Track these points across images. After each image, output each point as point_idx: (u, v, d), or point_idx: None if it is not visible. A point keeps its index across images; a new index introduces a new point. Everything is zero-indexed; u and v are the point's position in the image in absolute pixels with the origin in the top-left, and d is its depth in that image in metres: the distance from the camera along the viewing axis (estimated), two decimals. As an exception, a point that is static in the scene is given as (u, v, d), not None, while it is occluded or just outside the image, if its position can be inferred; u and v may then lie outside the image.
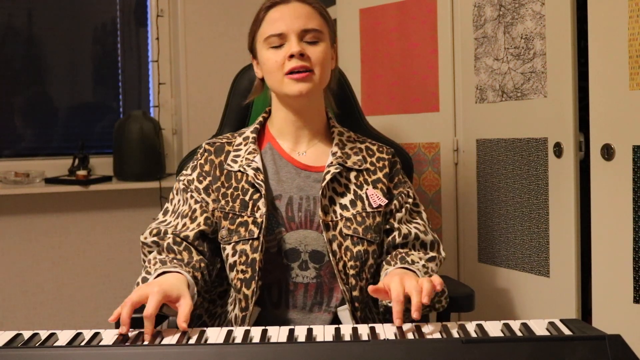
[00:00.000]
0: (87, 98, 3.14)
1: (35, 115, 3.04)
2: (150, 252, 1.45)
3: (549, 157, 2.09)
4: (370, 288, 1.24)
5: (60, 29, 3.04)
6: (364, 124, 1.92)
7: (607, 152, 1.89)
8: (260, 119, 1.57)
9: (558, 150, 2.05)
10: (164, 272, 1.31)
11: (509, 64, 2.21)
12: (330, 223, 1.43)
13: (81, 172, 2.86)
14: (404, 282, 1.22)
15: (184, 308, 1.17)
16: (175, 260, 1.37)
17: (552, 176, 2.08)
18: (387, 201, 1.48)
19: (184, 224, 1.45)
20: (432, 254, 1.49)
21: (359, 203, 1.46)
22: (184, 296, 1.20)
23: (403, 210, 1.51)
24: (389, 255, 1.48)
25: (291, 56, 1.40)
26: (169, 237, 1.42)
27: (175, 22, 3.05)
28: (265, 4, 1.45)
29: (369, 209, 1.46)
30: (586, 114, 1.97)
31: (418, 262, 1.43)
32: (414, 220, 1.53)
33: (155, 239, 1.44)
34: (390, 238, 1.49)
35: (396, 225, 1.49)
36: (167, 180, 2.95)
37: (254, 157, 1.47)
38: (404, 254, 1.46)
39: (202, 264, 1.41)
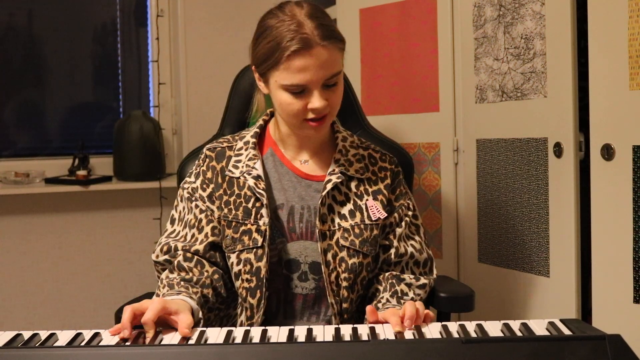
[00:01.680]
0: (87, 98, 3.13)
1: (35, 115, 3.04)
2: (163, 270, 1.44)
3: (549, 157, 2.09)
4: (369, 309, 1.24)
5: (60, 29, 3.04)
6: (365, 124, 1.92)
7: (607, 152, 1.89)
8: (260, 121, 1.54)
9: (558, 150, 2.05)
10: None
11: (509, 64, 2.21)
12: (327, 232, 1.42)
13: (81, 172, 2.86)
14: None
15: (185, 319, 1.15)
16: (183, 282, 1.36)
17: (552, 176, 2.08)
18: (386, 214, 1.47)
19: (193, 236, 1.44)
20: (423, 280, 1.49)
21: (358, 214, 1.44)
22: (183, 312, 1.18)
23: (403, 224, 1.50)
24: (382, 275, 1.48)
25: (313, 109, 1.35)
26: (180, 254, 1.41)
27: (175, 22, 3.05)
28: (286, 49, 1.30)
29: (367, 221, 1.44)
30: (586, 114, 1.97)
31: (408, 294, 1.44)
32: (412, 237, 1.52)
33: (166, 257, 1.43)
34: (386, 255, 1.48)
35: (395, 243, 1.48)
36: (167, 180, 2.95)
37: (255, 163, 1.45)
38: (394, 280, 1.45)
39: (216, 276, 1.41)
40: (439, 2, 2.41)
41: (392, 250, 1.48)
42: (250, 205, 1.42)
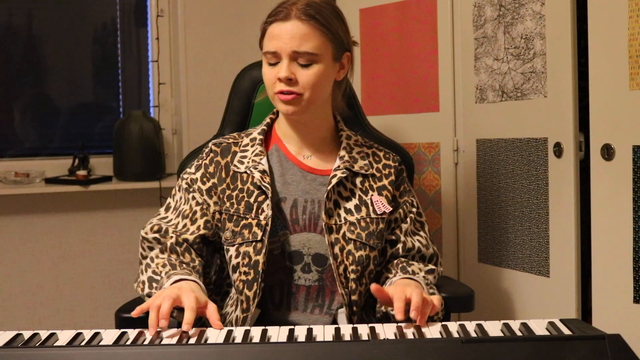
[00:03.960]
0: (87, 98, 3.13)
1: (36, 116, 3.04)
2: (151, 249, 1.47)
3: (549, 157, 2.09)
4: (374, 287, 1.26)
5: (60, 29, 3.04)
6: (365, 124, 1.92)
7: (607, 152, 1.89)
8: (267, 119, 1.57)
9: (558, 150, 2.05)
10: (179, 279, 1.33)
11: (509, 64, 2.21)
12: (333, 226, 1.44)
13: (81, 172, 2.86)
14: (406, 288, 1.27)
15: (214, 312, 1.22)
16: (184, 265, 1.41)
17: (552, 176, 2.08)
18: (391, 209, 1.49)
19: (184, 225, 1.47)
20: (431, 266, 1.52)
21: (363, 208, 1.46)
22: (209, 302, 1.25)
23: (408, 220, 1.53)
24: (390, 264, 1.50)
25: (278, 78, 1.39)
26: (172, 237, 1.45)
27: (175, 22, 3.04)
28: (269, 17, 1.42)
29: (373, 215, 1.46)
30: (586, 114, 1.97)
31: (419, 273, 1.46)
32: (418, 233, 1.55)
33: (156, 235, 1.46)
34: (393, 250, 1.51)
35: (402, 237, 1.51)
36: (167, 180, 2.95)
37: (261, 159, 1.47)
38: (404, 264, 1.48)
39: (200, 268, 1.44)
40: (439, 2, 2.41)
41: (400, 245, 1.50)
42: (252, 199, 1.44)
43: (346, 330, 1.14)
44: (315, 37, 1.40)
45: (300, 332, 1.13)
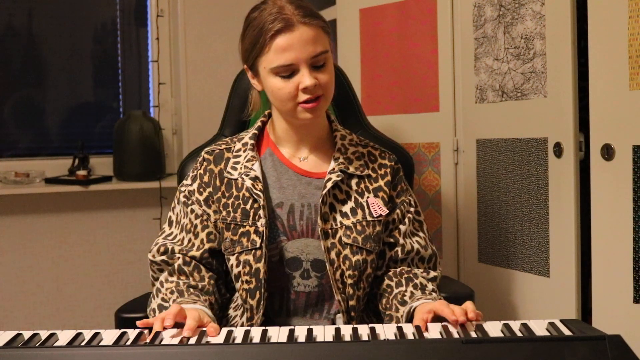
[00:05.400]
0: (87, 98, 3.14)
1: (35, 115, 3.04)
2: (160, 271, 1.46)
3: (549, 157, 2.09)
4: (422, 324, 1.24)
5: (60, 29, 3.04)
6: (365, 124, 1.92)
7: (607, 152, 1.89)
8: (258, 123, 1.54)
9: (558, 150, 2.05)
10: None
11: (509, 64, 2.21)
12: (329, 231, 1.42)
13: (81, 172, 2.86)
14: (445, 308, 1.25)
15: (215, 327, 1.21)
16: (192, 290, 1.39)
17: (552, 176, 2.08)
18: (387, 211, 1.47)
19: (189, 240, 1.45)
20: (433, 273, 1.50)
21: (359, 211, 1.44)
22: (212, 322, 1.24)
23: (406, 221, 1.50)
24: (392, 271, 1.48)
25: (304, 88, 1.35)
26: (179, 258, 1.43)
27: (175, 22, 3.05)
28: (269, 31, 1.34)
29: (369, 218, 1.44)
30: (586, 114, 1.97)
31: (427, 286, 1.44)
32: (417, 234, 1.52)
33: (164, 257, 1.44)
34: (392, 252, 1.48)
35: (401, 240, 1.48)
36: (167, 180, 2.95)
37: (253, 164, 1.45)
38: (411, 275, 1.46)
39: (212, 282, 1.43)
40: (439, 2, 2.41)
41: (399, 248, 1.48)
42: (248, 206, 1.42)
43: (346, 330, 1.14)
44: (321, 35, 1.38)
45: (300, 333, 1.13)
